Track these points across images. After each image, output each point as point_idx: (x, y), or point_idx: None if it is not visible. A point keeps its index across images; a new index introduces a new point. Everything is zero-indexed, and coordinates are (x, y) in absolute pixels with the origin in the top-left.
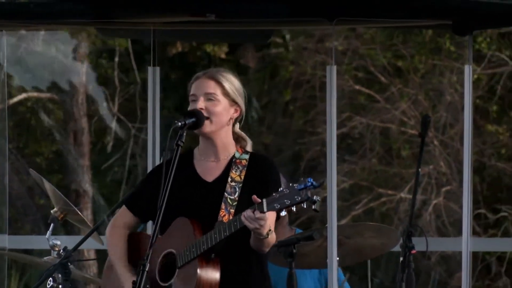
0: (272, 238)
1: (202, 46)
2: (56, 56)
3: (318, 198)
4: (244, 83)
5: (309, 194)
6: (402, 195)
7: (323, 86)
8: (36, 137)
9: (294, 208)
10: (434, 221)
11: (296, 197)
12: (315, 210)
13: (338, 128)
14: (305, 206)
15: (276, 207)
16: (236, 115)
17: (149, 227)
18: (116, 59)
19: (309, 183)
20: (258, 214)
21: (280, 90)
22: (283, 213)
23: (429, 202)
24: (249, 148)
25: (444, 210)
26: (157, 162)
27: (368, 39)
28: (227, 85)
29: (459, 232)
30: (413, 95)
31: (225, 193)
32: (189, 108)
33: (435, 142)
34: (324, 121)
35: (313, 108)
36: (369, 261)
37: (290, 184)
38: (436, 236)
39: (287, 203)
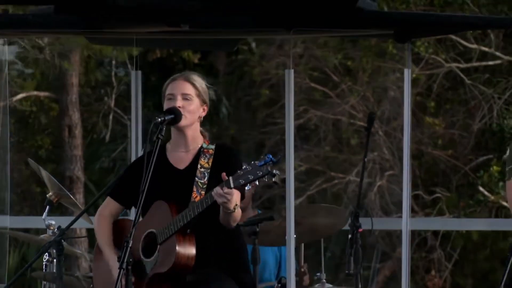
0: (238, 212)
1: (178, 53)
2: (53, 59)
3: (278, 172)
4: (215, 84)
5: (269, 168)
6: (350, 177)
7: (283, 84)
8: (35, 131)
9: (257, 182)
10: (379, 201)
11: (258, 172)
12: (275, 182)
13: (295, 120)
14: (266, 180)
15: (241, 183)
16: (204, 113)
17: (131, 212)
18: (113, 62)
19: (269, 159)
20: (225, 190)
21: (246, 91)
22: (248, 188)
23: (374, 184)
24: (207, 138)
25: (387, 192)
26: (139, 153)
27: (322, 44)
28: (199, 88)
29: (400, 210)
30: (360, 92)
31: (196, 178)
32: (165, 105)
33: (380, 133)
34: (284, 113)
35: (274, 103)
36: (322, 239)
37: (252, 162)
38: (380, 213)
39: (250, 178)
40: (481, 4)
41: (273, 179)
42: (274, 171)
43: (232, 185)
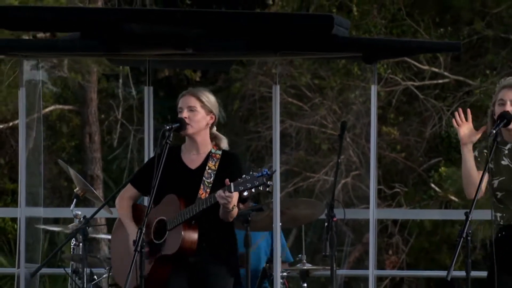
0: (235, 211)
1: (182, 72)
2: (76, 78)
3: (271, 182)
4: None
5: (264, 180)
6: (321, 177)
7: (262, 99)
8: (62, 137)
9: (253, 190)
10: (344, 196)
11: (255, 182)
12: (268, 191)
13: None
14: (261, 189)
15: (240, 189)
16: (211, 121)
17: (145, 201)
18: (120, 80)
19: (265, 172)
20: (227, 193)
21: (235, 104)
22: (245, 193)
23: (340, 181)
24: (224, 144)
25: (351, 188)
26: (151, 155)
27: (297, 65)
28: (204, 100)
29: (363, 204)
30: (329, 105)
31: (203, 178)
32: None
33: (348, 139)
34: (264, 123)
35: (259, 115)
36: (303, 226)
37: (251, 172)
38: (344, 206)
39: (248, 186)
40: (433, 35)
41: (267, 189)
42: (268, 182)
43: (232, 190)
